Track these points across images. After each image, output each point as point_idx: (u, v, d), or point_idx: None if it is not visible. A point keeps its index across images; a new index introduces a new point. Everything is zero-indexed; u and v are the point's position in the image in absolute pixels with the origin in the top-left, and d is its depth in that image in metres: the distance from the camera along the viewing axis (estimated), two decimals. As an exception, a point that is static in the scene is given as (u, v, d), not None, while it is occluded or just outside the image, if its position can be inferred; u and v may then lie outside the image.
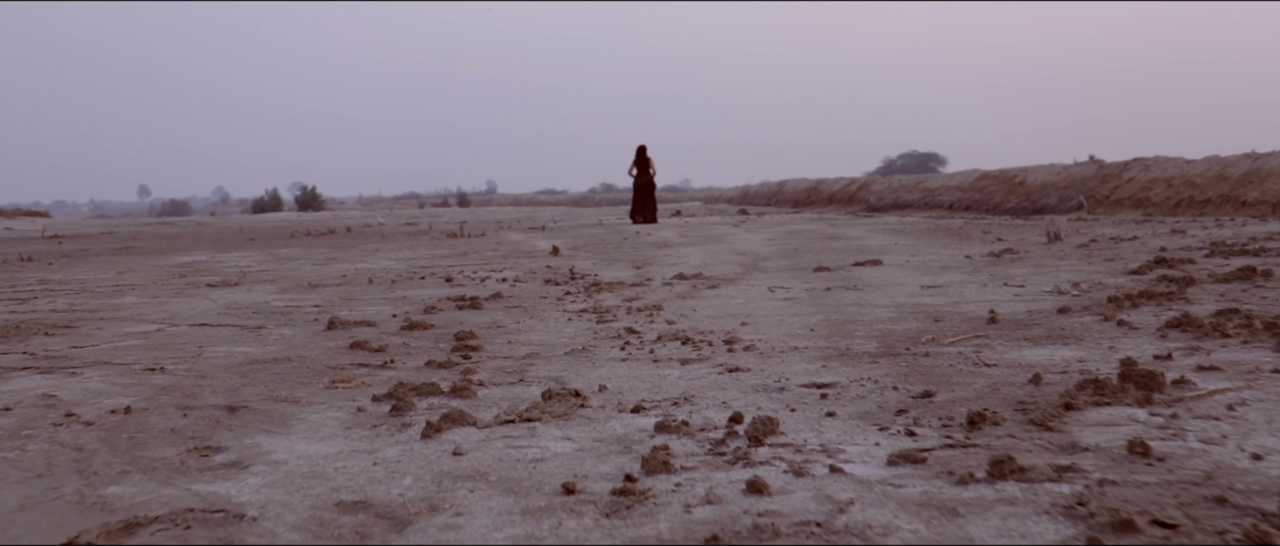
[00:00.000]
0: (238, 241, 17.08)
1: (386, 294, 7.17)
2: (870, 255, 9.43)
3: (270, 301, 6.90)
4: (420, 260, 10.84)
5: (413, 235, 17.49)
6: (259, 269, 10.19)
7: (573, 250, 11.90)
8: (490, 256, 11.09)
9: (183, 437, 2.88)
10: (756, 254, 10.20)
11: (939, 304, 5.30)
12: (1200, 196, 24.21)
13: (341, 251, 12.99)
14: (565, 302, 6.13)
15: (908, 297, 5.67)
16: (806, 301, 5.69)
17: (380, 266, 9.99)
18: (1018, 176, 28.92)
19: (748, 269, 8.34)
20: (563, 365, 3.83)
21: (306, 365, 4.14)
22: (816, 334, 4.36)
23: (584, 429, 2.71)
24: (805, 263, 8.79)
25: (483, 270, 9.05)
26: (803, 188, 38.78)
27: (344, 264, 10.57)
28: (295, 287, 7.92)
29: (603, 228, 18.65)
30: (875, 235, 13.45)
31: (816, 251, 10.38)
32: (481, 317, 5.54)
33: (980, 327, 4.30)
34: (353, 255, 12.19)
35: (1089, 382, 2.78)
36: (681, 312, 5.39)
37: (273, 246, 14.98)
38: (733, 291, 6.47)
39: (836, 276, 7.27)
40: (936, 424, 2.56)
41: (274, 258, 12.13)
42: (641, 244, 12.80)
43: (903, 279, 6.88)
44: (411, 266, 9.97)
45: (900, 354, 3.71)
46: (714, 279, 7.42)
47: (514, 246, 12.97)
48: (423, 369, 3.90)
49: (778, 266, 8.51)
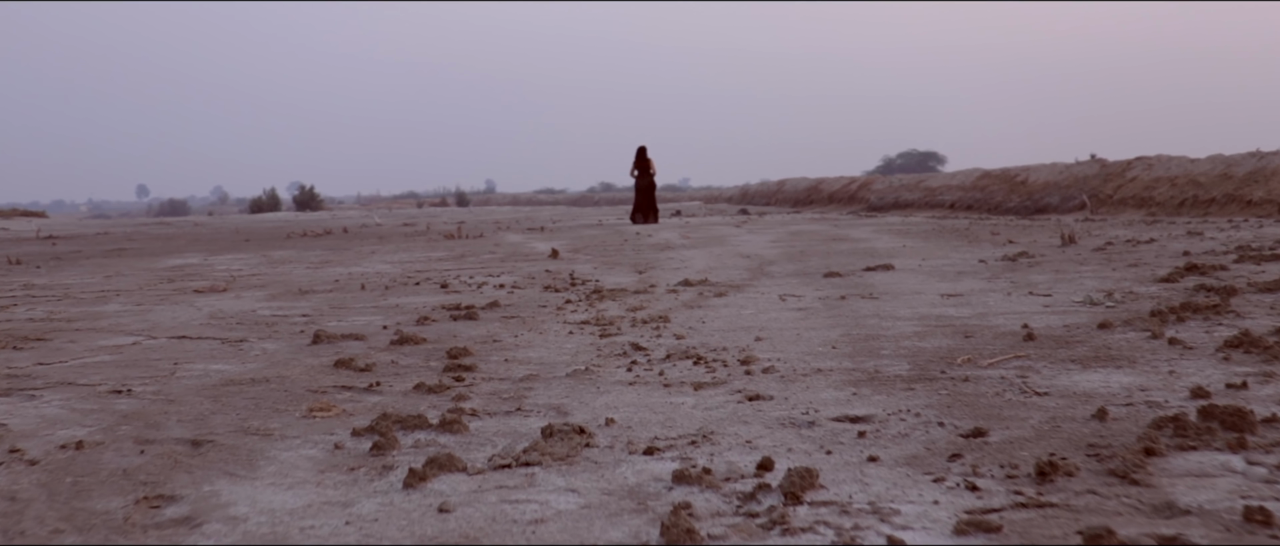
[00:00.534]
0: (232, 243, 16.71)
1: (378, 302, 6.81)
2: (880, 259, 9.06)
3: (257, 310, 6.54)
4: (416, 263, 10.47)
5: (410, 236, 17.11)
6: (250, 273, 9.82)
7: (572, 252, 11.53)
8: (488, 259, 10.72)
9: (134, 483, 2.51)
10: (762, 257, 9.83)
11: (964, 316, 4.93)
12: (1204, 196, 23.90)
13: (336, 254, 12.62)
14: (565, 312, 5.76)
15: (929, 308, 5.30)
16: (822, 312, 5.33)
17: (374, 270, 9.62)
18: (1019, 176, 28.59)
19: (754, 274, 7.98)
20: (564, 389, 3.46)
21: (285, 387, 3.77)
22: (839, 352, 3.99)
23: (590, 476, 2.34)
24: (813, 267, 8.42)
25: (480, 275, 8.68)
26: (802, 187, 38.42)
27: (337, 268, 10.20)
28: (285, 294, 7.55)
29: (603, 228, 18.29)
30: (881, 236, 13.08)
31: (823, 254, 10.02)
32: (477, 330, 5.17)
33: (1017, 345, 3.93)
34: (347, 258, 11.82)
35: (1166, 422, 2.42)
36: (690, 325, 5.02)
37: (267, 248, 14.61)
38: (742, 300, 6.10)
39: (849, 283, 6.90)
40: (999, 473, 2.19)
41: (267, 261, 11.76)
42: (642, 246, 12.44)
43: (919, 286, 6.51)
44: (407, 270, 9.60)
45: (936, 378, 3.34)
46: (721, 285, 7.05)
47: (512, 248, 12.60)
48: (411, 394, 3.53)
49: (785, 271, 8.15)
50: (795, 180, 41.06)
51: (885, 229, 15.49)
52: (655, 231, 16.18)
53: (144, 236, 20.68)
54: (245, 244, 16.11)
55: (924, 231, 14.23)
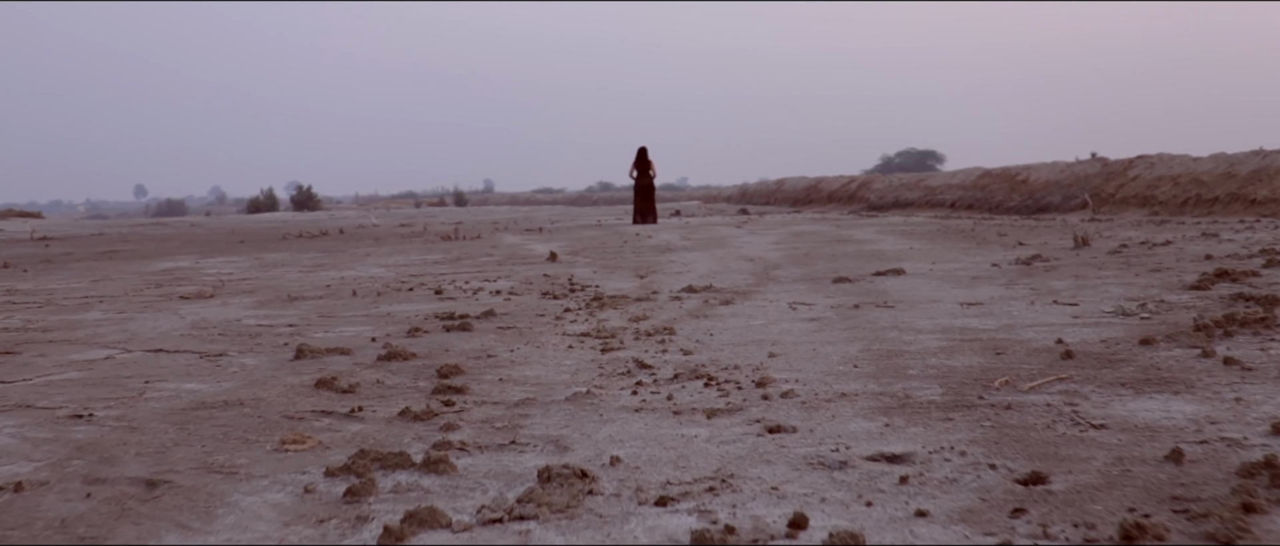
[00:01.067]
0: (226, 244, 16.37)
1: (369, 309, 6.47)
2: (888, 262, 8.72)
3: (242, 319, 6.20)
4: (411, 267, 10.14)
5: (406, 237, 16.77)
6: (241, 277, 9.48)
7: (571, 255, 11.19)
8: (485, 262, 10.39)
9: (69, 537, 2.17)
10: (766, 260, 9.50)
11: (990, 328, 4.59)
12: (1208, 195, 23.60)
13: (330, 256, 12.28)
14: (564, 322, 5.43)
15: (950, 319, 4.96)
16: (837, 323, 4.99)
17: (368, 274, 9.28)
18: (1020, 174, 28.28)
19: (760, 279, 7.64)
20: (563, 417, 3.12)
21: (260, 412, 3.43)
22: (862, 371, 3.65)
23: (594, 534, 2.00)
24: (821, 271, 8.09)
25: (476, 279, 8.34)
26: (802, 186, 38.09)
27: (330, 272, 9.86)
28: (273, 301, 7.22)
29: (602, 229, 17.96)
30: (886, 237, 12.75)
31: (829, 257, 9.68)
32: (470, 343, 4.83)
33: (1056, 364, 3.59)
34: (342, 261, 11.48)
35: (1257, 468, 2.08)
36: (697, 337, 4.69)
37: (261, 250, 14.27)
38: (750, 308, 5.77)
39: (860, 289, 6.57)
40: (1075, 535, 1.85)
41: (259, 263, 11.42)
42: (643, 248, 12.10)
43: (935, 293, 6.18)
44: (401, 274, 9.27)
45: (974, 404, 3.01)
46: (726, 292, 6.72)
47: (510, 250, 12.27)
48: (395, 421, 3.19)
49: (792, 276, 7.81)
50: (794, 179, 40.74)
51: (889, 229, 15.16)
52: (655, 232, 15.85)
53: (139, 238, 20.34)
54: (239, 246, 15.77)
55: (929, 232, 13.90)
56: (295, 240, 17.36)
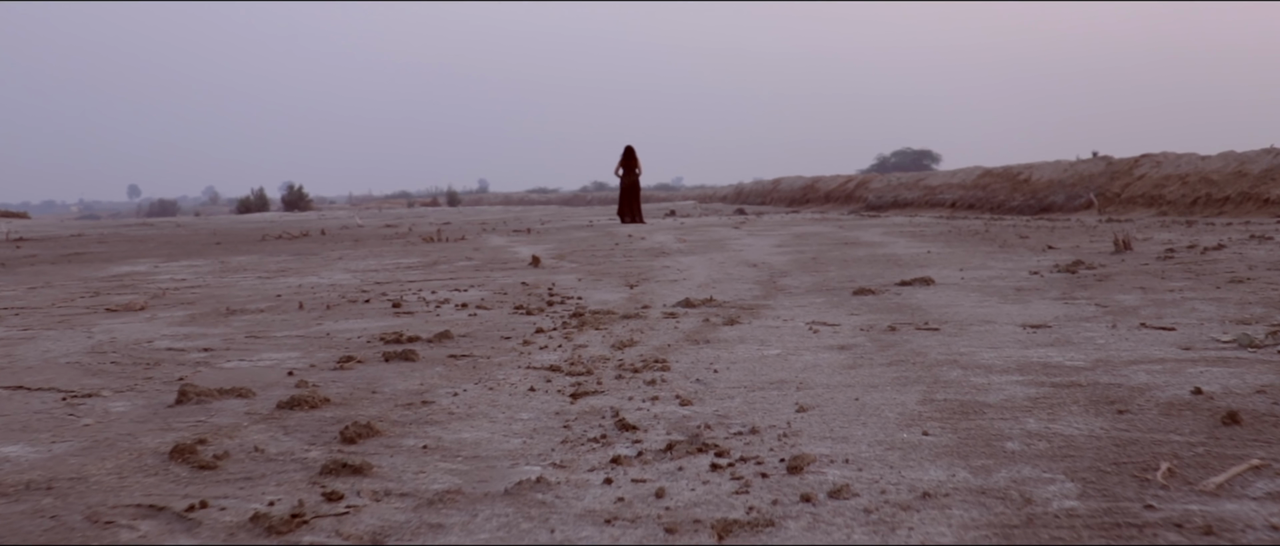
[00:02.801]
0: (200, 246, 15.22)
1: (309, 328, 5.32)
2: (909, 268, 7.59)
3: (156, 340, 5.05)
4: (381, 272, 8.98)
5: (387, 239, 15.62)
6: (192, 284, 8.32)
7: (557, 259, 10.05)
8: (461, 267, 9.24)
9: None
10: (771, 266, 8.36)
11: (1082, 365, 3.44)
12: (1218, 194, 22.52)
13: (300, 260, 11.12)
14: (532, 349, 4.28)
15: (1020, 348, 3.82)
16: (874, 354, 3.84)
17: (330, 282, 8.13)
18: (1022, 173, 27.18)
19: (767, 289, 6.50)
20: (495, 531, 1.98)
21: (68, 505, 2.29)
22: (936, 442, 2.50)
23: None
24: (835, 279, 6.95)
25: (446, 288, 7.20)
26: (798, 185, 36.95)
27: (292, 278, 8.71)
28: (207, 316, 6.07)
29: (592, 230, 16.81)
30: (896, 239, 11.61)
31: (840, 262, 8.54)
32: (408, 380, 3.68)
33: (1222, 434, 2.43)
34: (310, 265, 10.33)
35: None
36: (697, 375, 3.54)
37: (231, 253, 13.12)
38: (760, 330, 4.62)
39: (888, 304, 5.43)
40: None
41: (221, 268, 10.26)
42: (635, 251, 10.95)
43: (981, 309, 5.04)
44: (367, 281, 8.12)
45: (1142, 522, 1.85)
46: (729, 306, 5.58)
47: (492, 254, 11.12)
48: (240, 533, 2.04)
49: (803, 285, 6.67)
50: (790, 179, 39.58)
51: (895, 230, 14.02)
52: (649, 234, 14.70)
53: (116, 239, 19.18)
54: (211, 248, 14.61)
55: (940, 234, 12.76)
56: (273, 241, 16.22)
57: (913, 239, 11.64)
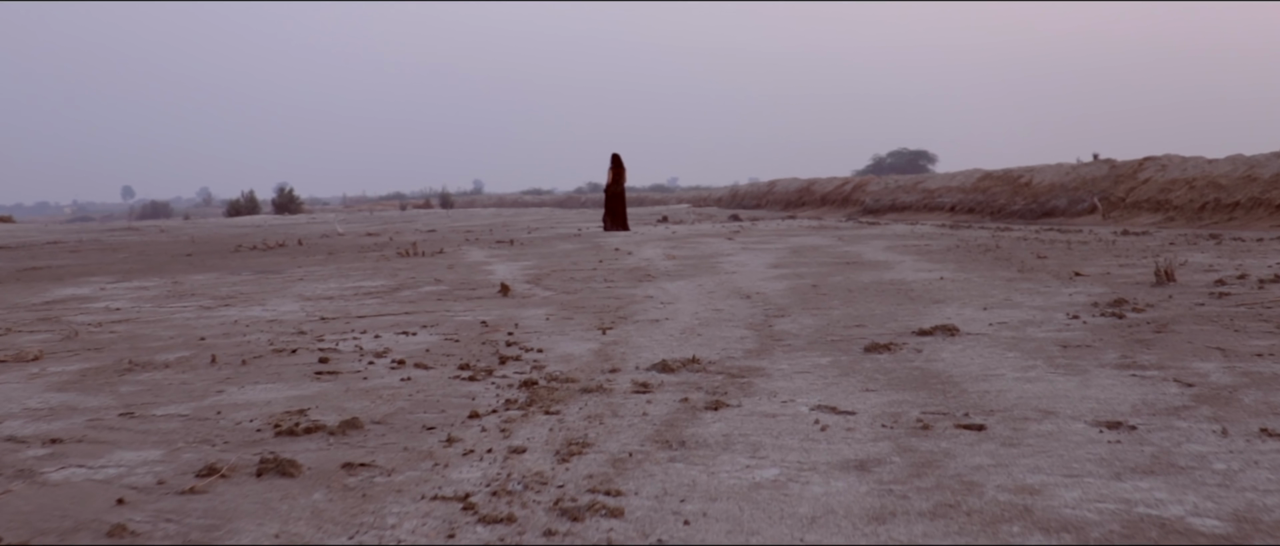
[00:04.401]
0: (167, 260, 14.16)
1: (205, 399, 4.23)
2: (923, 304, 6.51)
3: (8, 417, 3.97)
4: (336, 299, 7.91)
5: (363, 251, 14.53)
6: (122, 318, 7.23)
7: (532, 282, 8.97)
8: (425, 294, 8.16)
9: None
10: (767, 298, 7.28)
11: (1212, 528, 2.36)
12: (1227, 199, 21.45)
13: (260, 280, 10.04)
14: (454, 454, 3.19)
15: (1108, 477, 2.72)
16: (907, 480, 2.75)
17: (273, 314, 7.04)
18: (1023, 177, 26.11)
19: (762, 338, 5.42)
20: None
21: None
22: None
23: None
24: (839, 321, 5.87)
25: (395, 329, 6.12)
26: (794, 188, 35.86)
27: (234, 309, 7.64)
28: (105, 371, 4.98)
29: (579, 241, 15.73)
30: (902, 258, 10.53)
31: (844, 292, 7.47)
32: (264, 524, 2.60)
33: None
34: (266, 288, 9.26)
35: None
36: (662, 522, 2.47)
37: (194, 269, 12.05)
38: (752, 423, 3.54)
39: (908, 368, 4.35)
40: None
41: (170, 293, 9.18)
42: (618, 272, 9.87)
43: (1030, 384, 3.96)
44: (312, 314, 7.05)
45: None
46: (714, 370, 4.50)
47: (465, 274, 10.03)
48: None
49: (805, 332, 5.60)
50: (786, 181, 38.47)
51: (899, 244, 12.94)
52: (636, 247, 13.63)
53: (88, 248, 18.12)
54: (178, 262, 13.53)
55: (948, 249, 11.68)
56: (246, 252, 15.16)
57: (920, 257, 10.56)
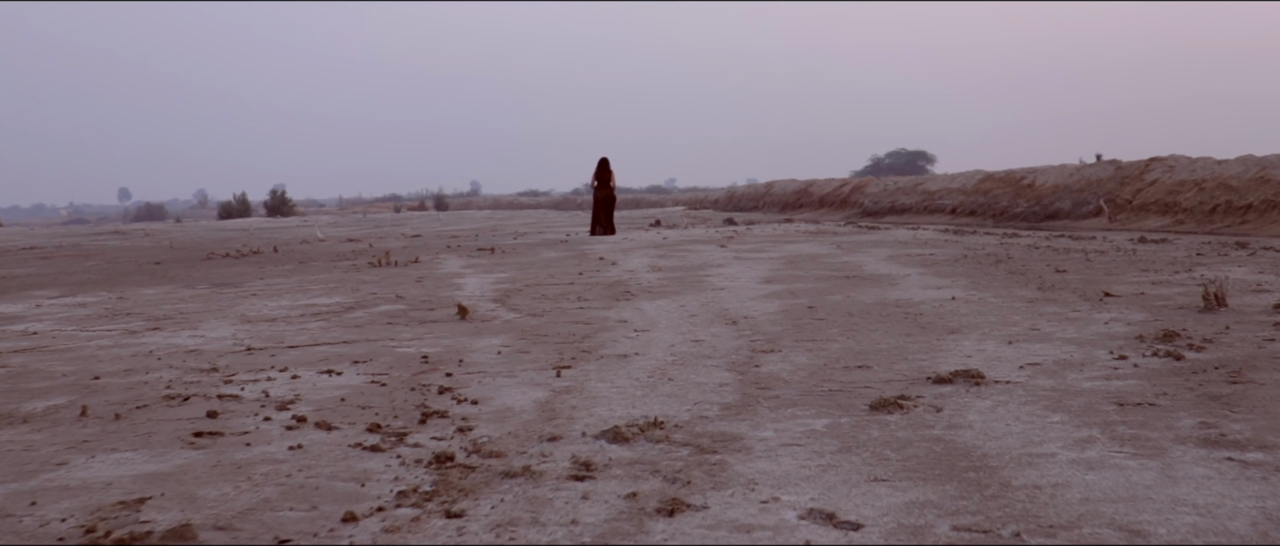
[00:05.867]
0: (131, 270, 13.15)
1: (39, 473, 3.18)
2: (935, 333, 5.50)
3: None
4: (276, 323, 6.88)
5: (335, 260, 13.51)
6: (34, 344, 6.18)
7: (498, 300, 7.95)
8: (377, 316, 7.13)
9: None
10: (755, 324, 6.26)
11: None
12: (1239, 201, 20.36)
13: (210, 295, 9.01)
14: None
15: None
16: None
17: (196, 343, 6.01)
18: (1025, 178, 25.04)
19: (745, 387, 4.40)
20: None
21: None
22: None
23: None
24: (839, 362, 4.85)
25: (319, 367, 5.10)
26: (791, 189, 34.79)
27: (160, 334, 6.62)
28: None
29: (565, 248, 14.70)
30: (907, 272, 9.50)
31: (843, 317, 6.45)
32: None
33: None
34: (213, 305, 8.25)
35: None
36: None
37: (152, 281, 11.04)
38: (723, 529, 2.52)
39: (926, 441, 3.32)
40: None
41: (106, 312, 8.16)
42: (593, 287, 8.85)
43: (1094, 474, 2.94)
44: (239, 342, 6.03)
45: None
46: (679, 440, 3.47)
47: (429, 290, 9.01)
48: None
49: (797, 379, 4.57)
50: (784, 183, 37.40)
51: (900, 252, 11.90)
52: (622, 256, 12.59)
53: (62, 255, 17.11)
54: (143, 271, 12.52)
55: (955, 259, 10.64)
56: (219, 261, 14.15)
57: (926, 269, 9.52)
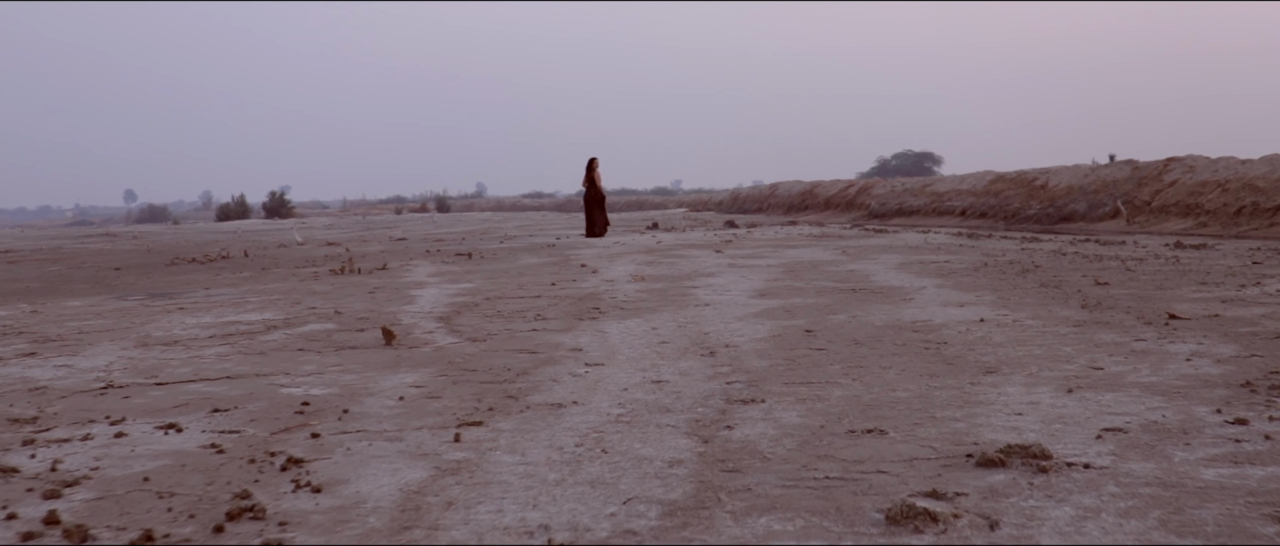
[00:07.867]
0: (90, 273, 11.92)
1: None
2: (965, 372, 4.14)
3: None
4: (171, 349, 5.57)
5: (300, 266, 12.21)
6: None
7: (444, 320, 6.63)
8: (296, 337, 5.80)
9: None
10: (737, 357, 4.90)
11: None
12: (1266, 203, 18.78)
13: (131, 311, 7.72)
14: None
15: None
16: None
17: (55, 376, 4.69)
18: (1038, 179, 23.56)
19: (704, 469, 3.05)
20: None
21: None
22: None
23: None
24: (841, 423, 3.50)
25: (157, 420, 3.77)
26: (796, 191, 33.39)
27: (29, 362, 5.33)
28: None
29: (550, 253, 13.35)
30: (923, 282, 8.13)
31: (848, 345, 5.10)
32: None
33: None
34: (125, 321, 6.97)
35: None
36: None
37: (94, 290, 9.80)
38: None
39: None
40: None
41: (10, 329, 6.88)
42: (562, 302, 7.51)
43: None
44: (106, 376, 4.72)
45: None
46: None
47: (381, 302, 7.68)
48: None
49: (780, 455, 3.22)
50: (789, 184, 35.99)
51: (913, 259, 10.52)
52: (607, 263, 11.25)
53: (31, 259, 15.90)
54: (98, 278, 11.25)
55: (975, 267, 9.25)
56: (184, 266, 12.89)
57: (944, 281, 8.14)
